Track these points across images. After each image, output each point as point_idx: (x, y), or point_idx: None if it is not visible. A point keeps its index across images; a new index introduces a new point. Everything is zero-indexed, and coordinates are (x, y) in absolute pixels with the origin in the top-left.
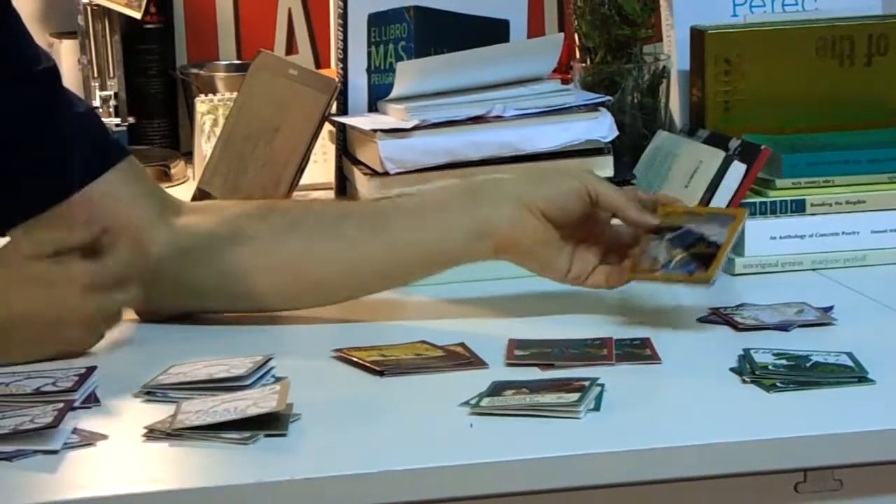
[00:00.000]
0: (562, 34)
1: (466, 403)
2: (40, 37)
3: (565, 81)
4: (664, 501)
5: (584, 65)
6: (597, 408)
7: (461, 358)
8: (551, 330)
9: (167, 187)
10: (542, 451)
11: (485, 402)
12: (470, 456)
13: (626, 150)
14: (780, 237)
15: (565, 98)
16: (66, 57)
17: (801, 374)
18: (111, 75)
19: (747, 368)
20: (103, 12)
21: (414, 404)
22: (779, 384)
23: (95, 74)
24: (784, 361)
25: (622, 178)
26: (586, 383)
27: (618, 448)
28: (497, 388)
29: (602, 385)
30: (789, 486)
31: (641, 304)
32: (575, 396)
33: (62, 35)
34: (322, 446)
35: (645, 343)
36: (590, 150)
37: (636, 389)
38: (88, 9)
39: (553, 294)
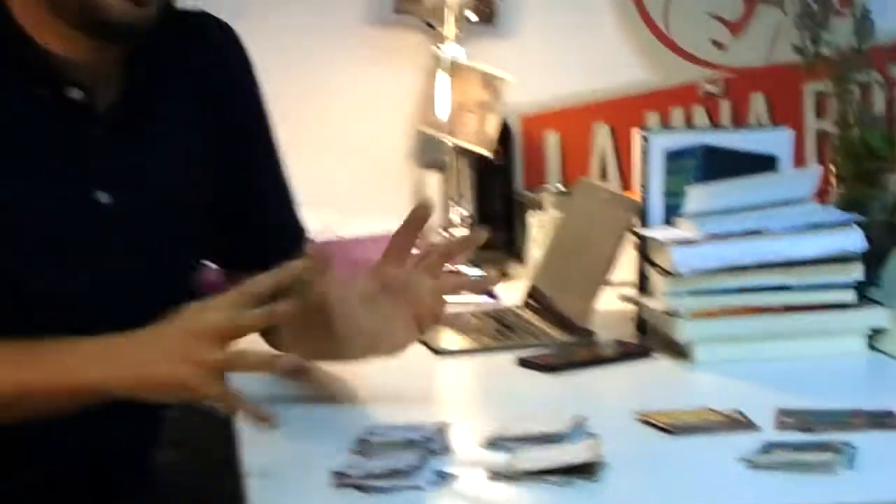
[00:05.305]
0: (820, 166)
1: (743, 459)
2: (411, 169)
3: (823, 203)
4: None
5: (838, 190)
6: (850, 466)
7: (739, 422)
8: (813, 401)
9: (506, 285)
10: (805, 499)
11: (758, 458)
12: (746, 501)
13: (874, 259)
14: None
15: (823, 216)
16: (432, 183)
17: None
18: (465, 198)
19: None
20: (461, 150)
21: (700, 458)
22: None
23: (454, 197)
24: None
25: (869, 281)
26: (841, 446)
27: (869, 499)
28: (768, 447)
29: (855, 448)
30: None
31: (889, 380)
32: (832, 456)
33: (430, 167)
34: (626, 490)
35: (892, 414)
36: (843, 258)
37: (884, 452)
38: (450, 148)
39: (815, 370)
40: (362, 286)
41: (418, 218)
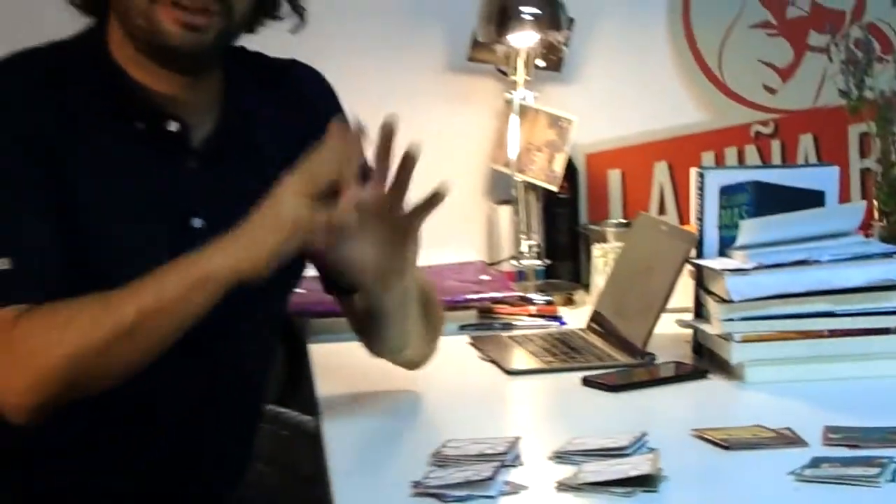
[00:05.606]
0: (864, 202)
1: (792, 473)
2: (484, 204)
3: (867, 236)
4: None
5: (881, 224)
6: (894, 479)
7: (788, 438)
8: (858, 419)
9: (571, 310)
10: None
11: (807, 472)
12: None
13: None
14: None
15: (867, 248)
16: (503, 217)
17: None
18: (534, 230)
19: None
20: (530, 186)
21: (753, 472)
22: None
23: (523, 229)
24: None
25: None
26: (885, 461)
27: None
28: (816, 462)
29: None
30: None
31: None
32: (876, 470)
33: (501, 202)
34: (684, 501)
35: None
36: (886, 286)
37: None
38: (520, 184)
39: (859, 390)
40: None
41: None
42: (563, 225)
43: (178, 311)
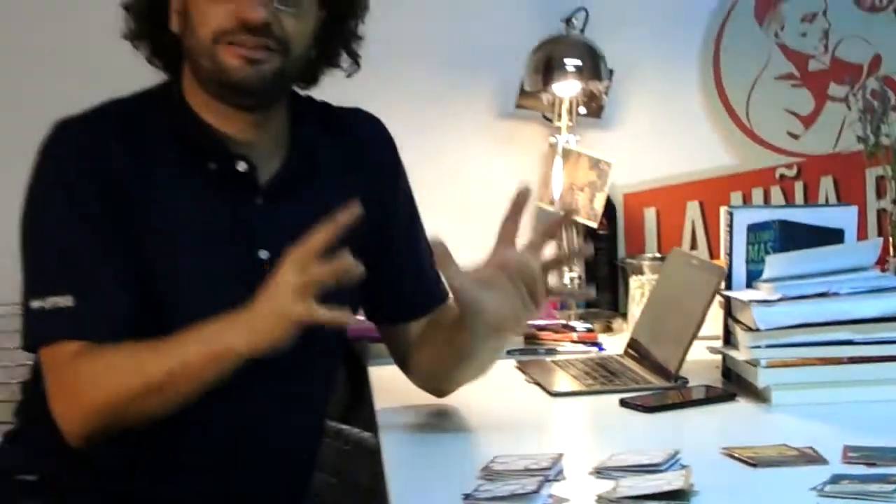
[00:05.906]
0: (880, 239)
1: (814, 488)
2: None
3: (883, 270)
4: None
5: None
6: None
7: (811, 457)
8: (875, 439)
9: (610, 337)
10: None
11: (828, 488)
12: None
13: None
14: None
15: (883, 281)
16: (548, 251)
17: None
18: (575, 263)
19: None
20: (571, 222)
21: (778, 488)
22: None
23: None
24: None
25: None
26: None
27: None
28: (836, 479)
29: None
30: None
31: None
32: (892, 487)
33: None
34: None
35: None
36: None
37: None
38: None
39: (877, 413)
40: (481, 272)
41: (520, 201)
42: (603, 258)
43: (199, 376)
